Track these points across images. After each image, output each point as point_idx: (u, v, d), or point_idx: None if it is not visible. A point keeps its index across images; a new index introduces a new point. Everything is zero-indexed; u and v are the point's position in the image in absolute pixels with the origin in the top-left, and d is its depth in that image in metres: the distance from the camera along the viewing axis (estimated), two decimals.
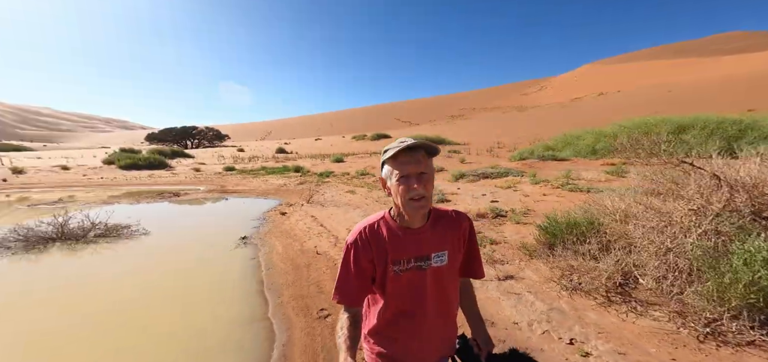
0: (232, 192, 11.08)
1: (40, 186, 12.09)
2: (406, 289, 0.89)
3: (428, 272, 0.89)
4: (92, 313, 2.87)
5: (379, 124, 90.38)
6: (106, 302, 3.08)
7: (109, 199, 9.25)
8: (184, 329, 2.59)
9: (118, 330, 2.62)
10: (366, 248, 0.89)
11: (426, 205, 0.84)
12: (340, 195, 9.30)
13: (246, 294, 3.16)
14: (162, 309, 2.95)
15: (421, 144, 0.82)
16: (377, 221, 0.92)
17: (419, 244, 0.88)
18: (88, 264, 4.09)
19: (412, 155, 0.82)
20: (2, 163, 16.88)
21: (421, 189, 0.81)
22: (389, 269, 0.88)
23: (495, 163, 13.94)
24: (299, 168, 17.08)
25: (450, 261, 0.91)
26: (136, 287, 3.43)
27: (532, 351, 2.04)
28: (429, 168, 0.84)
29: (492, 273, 3.12)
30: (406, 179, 0.81)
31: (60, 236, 4.73)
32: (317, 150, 32.57)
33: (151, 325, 2.66)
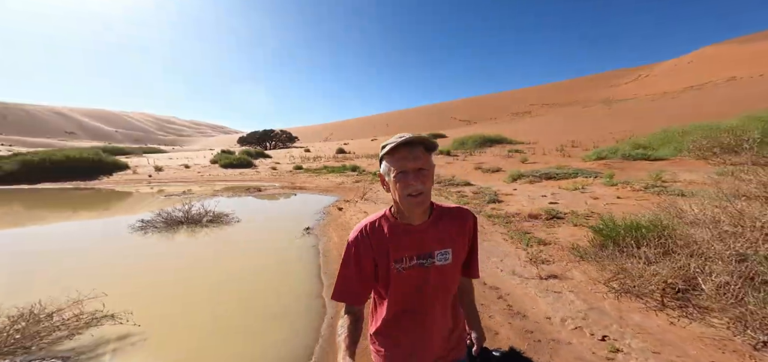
0: (300, 188, 12.77)
1: (171, 181, 16.19)
2: (409, 288, 0.86)
3: (432, 270, 0.86)
4: (204, 276, 3.96)
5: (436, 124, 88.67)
6: (212, 270, 4.18)
7: (214, 193, 11.83)
8: (257, 297, 3.36)
9: (217, 289, 3.58)
10: (367, 246, 0.87)
11: (424, 202, 0.82)
12: (386, 195, 9.80)
13: (306, 276, 3.83)
14: (245, 281, 3.84)
15: (420, 139, 0.80)
16: (378, 218, 0.90)
17: (421, 242, 0.86)
18: (203, 242, 5.51)
19: (410, 150, 0.80)
20: (149, 162, 23.10)
21: (418, 185, 0.79)
22: (391, 267, 0.85)
23: (565, 163, 12.39)
24: (356, 167, 18.36)
25: (454, 259, 0.88)
26: (231, 261, 4.52)
27: (559, 344, 2.05)
28: (428, 163, 0.82)
29: (533, 271, 3.09)
30: (404, 175, 0.79)
31: (185, 220, 6.45)
32: (373, 150, 34.15)
33: (237, 290, 3.53)
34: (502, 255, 3.73)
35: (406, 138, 0.79)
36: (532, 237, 4.01)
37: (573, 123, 33.97)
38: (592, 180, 8.36)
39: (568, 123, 35.02)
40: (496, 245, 4.10)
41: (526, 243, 3.86)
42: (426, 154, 0.82)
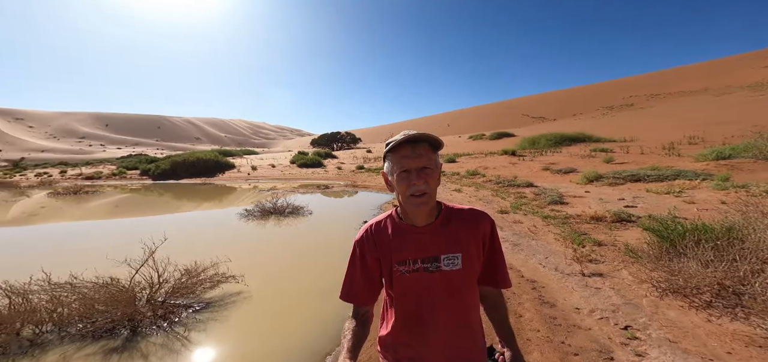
0: (361, 186, 13.95)
1: (263, 178, 19.73)
2: (413, 292, 0.81)
3: (437, 276, 0.80)
4: (290, 254, 5.09)
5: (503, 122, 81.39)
6: (295, 250, 5.30)
7: (293, 189, 14.03)
8: (328, 271, 4.18)
9: (299, 264, 4.60)
10: (371, 246, 0.85)
11: (428, 202, 0.77)
12: (446, 193, 9.89)
13: None
14: (319, 258, 4.79)
15: (424, 136, 0.76)
16: (384, 219, 0.88)
17: (425, 244, 0.81)
18: (286, 228, 6.85)
19: (413, 148, 0.76)
20: (247, 163, 28.52)
21: (421, 185, 0.75)
22: (395, 269, 0.82)
23: (669, 163, 10.10)
24: None
25: (464, 265, 0.80)
26: (307, 244, 5.63)
27: (579, 329, 2.13)
28: (432, 162, 0.77)
29: (576, 268, 3.10)
30: (407, 174, 0.76)
31: (274, 211, 8.05)
32: None
33: (313, 266, 4.48)
34: (548, 253, 3.73)
35: (410, 135, 0.76)
36: (588, 238, 3.87)
37: (695, 115, 26.48)
38: (698, 182, 6.75)
39: (688, 115, 27.51)
40: (544, 244, 4.09)
41: (578, 243, 3.76)
42: (430, 152, 0.77)
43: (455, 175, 14.83)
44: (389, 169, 0.80)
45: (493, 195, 8.59)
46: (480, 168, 16.18)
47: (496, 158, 19.92)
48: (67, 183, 17.56)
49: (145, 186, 17.07)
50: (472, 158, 21.69)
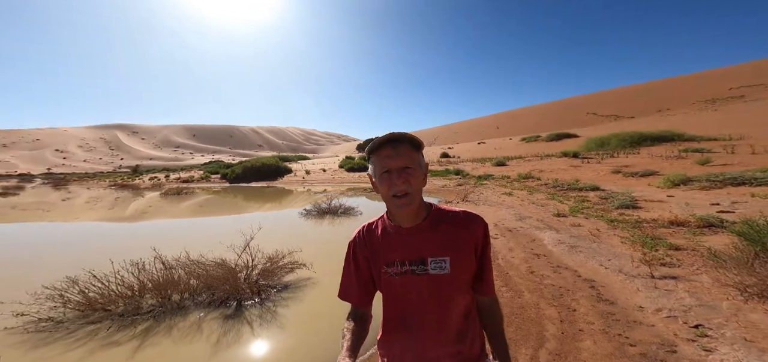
0: None
1: (315, 181, 21.56)
2: (400, 295, 0.81)
3: (425, 279, 0.78)
4: (330, 263, 5.61)
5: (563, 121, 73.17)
6: (340, 257, 5.81)
7: (342, 192, 15.08)
8: None
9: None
10: (362, 246, 0.85)
11: (410, 202, 0.76)
12: (495, 197, 9.59)
13: None
14: None
15: (405, 136, 0.75)
16: (376, 220, 0.88)
17: (412, 246, 0.79)
18: (340, 226, 7.56)
19: (394, 148, 0.75)
20: (302, 167, 31.40)
21: (402, 185, 0.74)
22: (383, 271, 0.81)
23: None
24: (459, 171, 18.36)
25: (453, 269, 0.78)
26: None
27: (640, 324, 2.08)
28: (414, 162, 0.76)
29: (644, 271, 2.94)
30: (389, 174, 0.75)
31: (329, 211, 8.90)
32: (480, 154, 32.47)
33: None
34: (611, 256, 3.54)
35: (390, 135, 0.75)
36: (663, 242, 3.56)
37: None
38: None
39: None
40: (608, 247, 3.86)
41: (649, 247, 3.49)
42: (412, 151, 0.77)
43: (505, 178, 14.12)
44: (373, 170, 0.80)
45: (548, 199, 8.06)
46: (534, 171, 15.06)
47: (553, 161, 18.25)
48: (170, 186, 21.87)
49: (224, 189, 20.19)
50: (525, 161, 20.22)
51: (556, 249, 4.21)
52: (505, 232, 5.45)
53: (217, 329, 2.75)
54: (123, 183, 26.27)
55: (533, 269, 3.63)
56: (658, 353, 1.77)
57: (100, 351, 2.47)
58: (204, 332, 2.72)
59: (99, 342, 2.59)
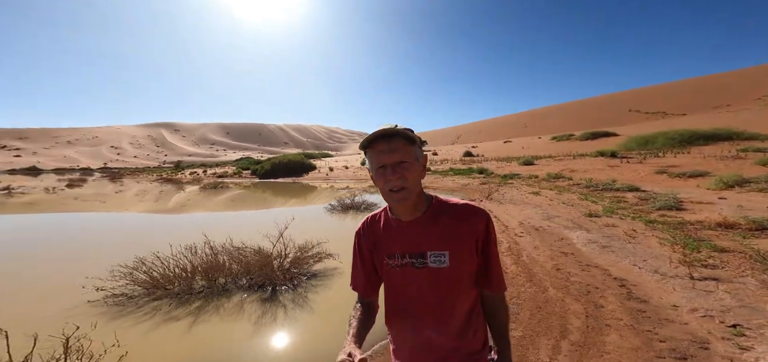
0: (428, 188, 14.24)
1: (338, 178, 22.18)
2: (400, 286, 0.82)
3: (424, 272, 0.78)
4: None
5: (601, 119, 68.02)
6: None
7: (364, 189, 15.38)
8: None
9: None
10: (366, 238, 0.87)
11: (407, 197, 0.76)
12: (521, 196, 9.32)
13: None
14: None
15: (399, 131, 0.75)
16: (380, 212, 0.89)
17: (412, 239, 0.80)
18: (357, 225, 7.77)
19: (387, 143, 0.75)
20: (325, 164, 32.41)
21: (398, 180, 0.74)
22: (384, 262, 0.83)
23: None
24: (483, 170, 17.93)
25: (453, 263, 0.77)
26: None
27: (672, 322, 2.03)
28: (410, 156, 0.76)
29: (683, 271, 2.82)
30: (383, 170, 0.75)
31: (351, 207, 9.21)
32: (505, 153, 31.31)
33: None
34: (648, 256, 3.40)
35: (384, 129, 0.75)
36: (707, 243, 3.37)
37: None
38: None
39: None
40: (644, 248, 3.69)
41: (691, 248, 3.30)
42: (407, 145, 0.76)
43: (533, 177, 13.58)
44: (369, 165, 0.79)
45: (580, 199, 7.69)
46: (565, 171, 14.30)
47: (587, 160, 17.17)
48: (207, 181, 23.70)
49: (254, 184, 21.43)
50: (555, 160, 19.21)
51: (585, 248, 4.08)
52: (531, 230, 5.34)
53: (257, 310, 3.04)
54: (167, 177, 28.88)
55: (560, 266, 3.58)
56: (688, 348, 1.73)
57: (163, 324, 2.82)
58: (246, 312, 3.01)
59: (162, 316, 2.95)
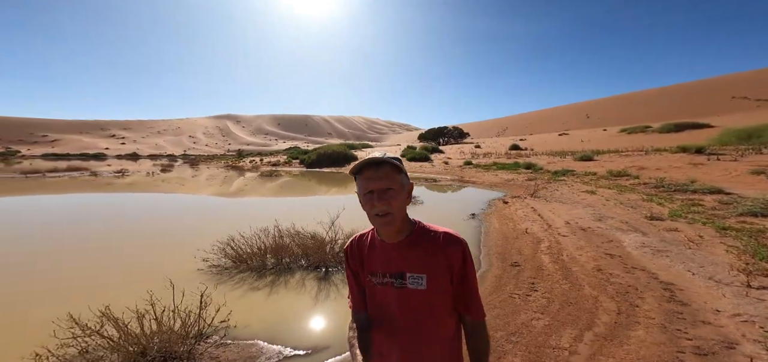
0: (469, 182, 14.02)
1: None
2: (380, 302, 0.87)
3: (403, 292, 0.83)
4: None
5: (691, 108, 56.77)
6: None
7: None
8: None
9: None
10: (353, 256, 0.93)
11: (391, 222, 0.81)
12: (572, 194, 8.75)
13: (469, 244, 5.03)
14: None
15: (386, 160, 0.81)
16: (368, 232, 0.94)
17: (393, 260, 0.85)
18: None
19: (375, 171, 0.81)
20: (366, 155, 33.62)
21: (383, 206, 0.80)
22: (367, 279, 0.89)
23: None
24: (531, 165, 16.86)
25: (430, 286, 0.82)
26: None
27: (707, 324, 2.03)
28: (396, 183, 0.81)
29: (741, 278, 2.67)
30: (371, 195, 0.81)
31: None
32: (560, 146, 28.54)
33: None
34: (705, 263, 3.21)
35: (372, 158, 0.81)
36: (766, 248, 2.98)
37: None
38: None
39: None
40: (705, 255, 3.46)
41: (761, 257, 3.05)
42: (394, 173, 0.82)
43: (590, 174, 12.38)
44: (358, 189, 0.85)
45: (644, 201, 6.96)
46: (631, 167, 12.70)
47: (664, 157, 14.89)
48: (264, 169, 26.67)
49: (301, 173, 23.46)
50: (620, 156, 17.04)
51: (636, 251, 3.89)
52: (577, 231, 5.16)
53: (315, 287, 3.58)
54: (232, 164, 33.20)
55: (602, 268, 3.53)
56: (712, 347, 1.77)
57: (249, 293, 3.38)
58: (306, 288, 3.49)
59: (247, 286, 3.52)
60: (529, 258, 4.13)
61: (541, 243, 4.70)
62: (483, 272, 3.87)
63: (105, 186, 14.65)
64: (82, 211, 9.14)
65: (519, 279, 3.44)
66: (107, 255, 4.92)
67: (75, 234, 6.40)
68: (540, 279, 3.41)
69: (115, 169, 26.07)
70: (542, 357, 2.09)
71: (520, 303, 2.89)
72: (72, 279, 4.00)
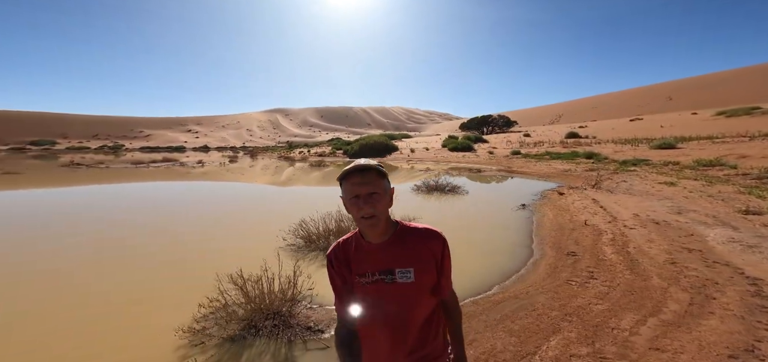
0: (517, 172, 13.31)
1: (419, 159, 22.91)
2: (372, 298, 0.92)
3: (393, 287, 0.91)
4: (454, 222, 6.32)
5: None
6: (457, 220, 6.55)
7: (446, 171, 15.64)
8: (485, 243, 5.04)
9: (462, 230, 5.75)
10: (338, 260, 0.96)
11: (377, 224, 0.88)
12: (644, 186, 7.87)
13: (519, 233, 5.07)
14: (477, 231, 5.72)
15: (371, 166, 0.87)
16: (351, 236, 0.98)
17: (381, 259, 0.92)
18: (448, 202, 8.28)
19: (361, 176, 0.86)
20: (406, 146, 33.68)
21: (369, 209, 0.85)
22: (356, 280, 0.94)
23: None
24: (592, 154, 15.27)
25: (417, 278, 0.91)
26: (467, 217, 6.74)
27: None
28: (380, 188, 0.88)
29: None
30: (357, 199, 0.86)
31: (436, 188, 9.80)
32: (632, 133, 24.93)
33: (471, 238, 5.42)
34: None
35: (359, 164, 0.87)
36: None
37: None
38: None
39: None
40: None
41: None
42: (379, 179, 0.88)
43: (670, 164, 10.80)
44: (343, 194, 0.90)
45: (740, 193, 6.01)
46: (728, 156, 10.73)
47: None
48: (312, 159, 28.72)
49: (345, 162, 24.74)
50: (713, 143, 14.37)
51: (722, 246, 3.53)
52: (648, 223, 4.76)
53: None
54: (284, 155, 36.39)
55: (676, 261, 3.32)
56: None
57: (321, 268, 3.73)
58: None
59: (319, 263, 3.89)
60: (587, 248, 4.01)
61: (602, 235, 4.47)
62: (535, 260, 3.90)
63: (187, 175, 17.41)
64: (188, 195, 11.04)
65: (576, 268, 3.43)
66: (218, 228, 6.12)
67: (187, 215, 7.93)
68: (600, 269, 3.35)
69: (195, 159, 30.66)
70: (600, 335, 2.19)
71: (578, 289, 2.93)
72: (206, 245, 5.07)
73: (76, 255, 4.66)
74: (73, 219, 7.10)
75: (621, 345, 2.04)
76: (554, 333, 2.27)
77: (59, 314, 3.01)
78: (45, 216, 7.50)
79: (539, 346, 2.13)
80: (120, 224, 6.62)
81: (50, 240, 5.36)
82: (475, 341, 2.28)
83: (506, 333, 2.33)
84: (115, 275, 3.93)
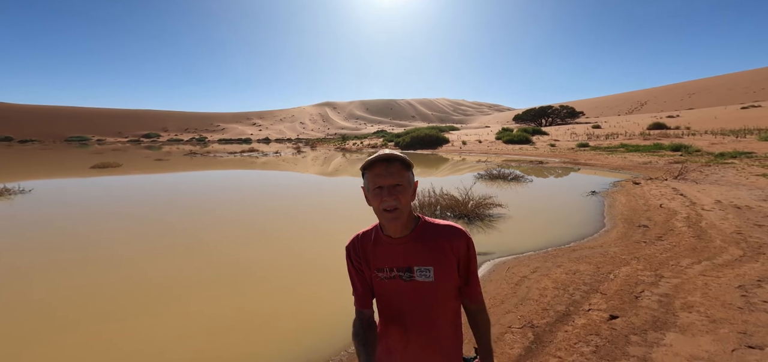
0: (584, 164, 13.14)
1: (471, 152, 22.91)
2: (389, 296, 0.92)
3: (411, 285, 0.89)
4: (527, 206, 6.68)
5: None
6: (529, 203, 7.33)
7: (505, 163, 15.95)
8: (554, 220, 5.70)
9: (537, 211, 6.67)
10: (356, 253, 0.96)
11: (399, 217, 0.86)
12: (738, 178, 7.70)
13: (591, 212, 5.86)
14: (548, 211, 6.46)
15: (397, 156, 0.86)
16: (371, 229, 0.97)
17: (399, 255, 0.90)
18: (514, 189, 8.86)
19: (386, 167, 0.85)
20: (456, 138, 33.73)
21: (393, 201, 0.84)
22: (374, 275, 0.93)
23: None
24: (681, 146, 14.15)
25: (437, 278, 0.88)
26: (538, 201, 7.36)
27: None
28: (404, 180, 0.86)
29: None
30: (380, 190, 0.85)
31: (499, 176, 10.57)
32: (740, 122, 21.43)
33: (537, 215, 6.28)
34: None
35: (384, 154, 0.86)
36: None
37: None
38: None
39: None
40: None
41: None
42: (403, 170, 0.87)
43: (744, 158, 9.73)
44: (366, 185, 0.90)
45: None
46: None
47: None
48: (366, 150, 30.90)
49: None
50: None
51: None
52: (728, 208, 5.17)
53: (463, 227, 5.47)
54: (339, 147, 39.65)
55: (743, 232, 3.94)
56: None
57: None
58: None
59: None
60: (659, 223, 4.70)
61: (676, 214, 5.03)
62: (606, 230, 4.76)
63: (266, 164, 20.22)
64: (281, 181, 12.68)
65: (646, 235, 4.25)
66: (322, 210, 8.04)
67: (284, 201, 10.25)
68: (669, 235, 4.13)
69: (271, 150, 35.26)
70: (662, 268, 3.18)
71: (646, 246, 3.83)
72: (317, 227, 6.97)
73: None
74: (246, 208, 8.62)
75: (677, 273, 3.03)
76: (624, 266, 3.32)
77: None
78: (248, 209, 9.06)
79: (612, 271, 3.22)
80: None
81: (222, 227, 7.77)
82: (561, 265, 3.45)
83: (585, 263, 3.45)
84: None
